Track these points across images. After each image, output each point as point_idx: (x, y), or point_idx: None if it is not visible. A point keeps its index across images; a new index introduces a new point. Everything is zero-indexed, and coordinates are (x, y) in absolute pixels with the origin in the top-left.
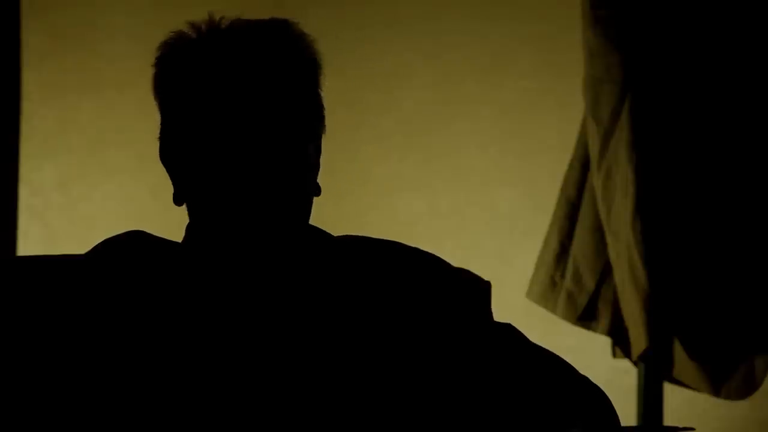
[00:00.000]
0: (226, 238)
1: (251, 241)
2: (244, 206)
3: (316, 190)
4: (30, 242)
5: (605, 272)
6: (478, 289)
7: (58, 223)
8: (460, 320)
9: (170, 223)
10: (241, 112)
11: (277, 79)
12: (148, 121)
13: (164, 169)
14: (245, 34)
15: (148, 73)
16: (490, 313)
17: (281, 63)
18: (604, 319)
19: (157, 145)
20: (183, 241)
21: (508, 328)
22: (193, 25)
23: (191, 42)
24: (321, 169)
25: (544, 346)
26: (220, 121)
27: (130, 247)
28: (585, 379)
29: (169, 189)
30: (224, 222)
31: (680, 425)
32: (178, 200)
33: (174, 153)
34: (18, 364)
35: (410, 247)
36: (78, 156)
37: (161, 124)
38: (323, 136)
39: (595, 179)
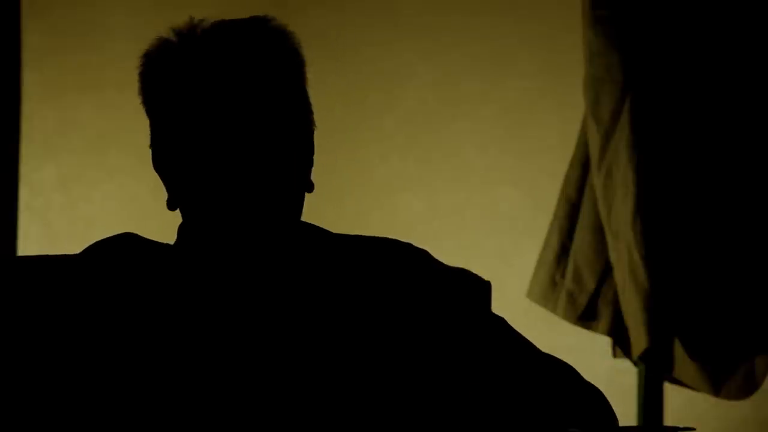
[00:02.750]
0: (218, 238)
1: (243, 240)
2: (235, 206)
3: (309, 187)
4: (30, 242)
5: (605, 272)
6: (475, 287)
7: (59, 223)
8: (455, 316)
9: (170, 223)
10: (228, 113)
11: (262, 78)
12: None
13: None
14: (227, 34)
15: None
16: (489, 311)
17: (264, 61)
18: (605, 319)
19: None
20: (175, 242)
21: (502, 323)
22: (174, 30)
23: (173, 47)
24: (322, 169)
25: (544, 345)
26: (207, 124)
27: (122, 248)
28: (581, 379)
29: None
30: (217, 222)
31: (680, 425)
32: (171, 205)
33: (166, 159)
34: (11, 363)
35: (402, 242)
36: (78, 156)
37: (151, 131)
38: (315, 132)
39: (596, 179)
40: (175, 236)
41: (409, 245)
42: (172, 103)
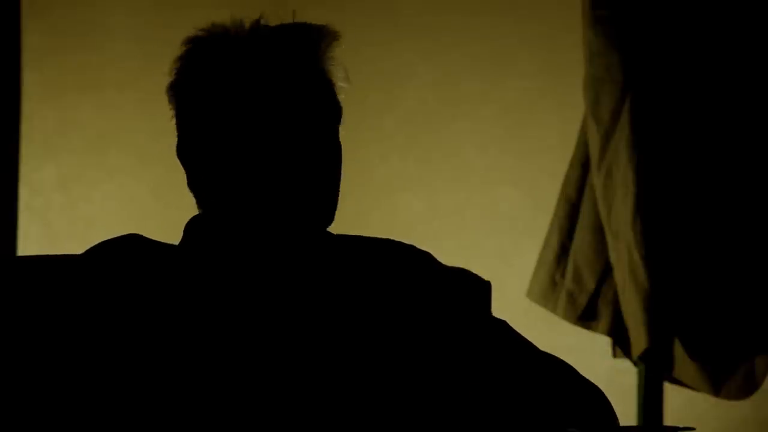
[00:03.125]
0: (235, 239)
1: (265, 245)
2: (277, 207)
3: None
4: (30, 242)
5: (605, 272)
6: (475, 287)
7: (59, 223)
8: (456, 317)
9: (170, 223)
10: (279, 115)
11: (307, 83)
12: (149, 121)
13: (164, 169)
14: (274, 36)
15: (149, 73)
16: (489, 311)
17: (309, 66)
18: (605, 319)
19: (157, 144)
20: (181, 242)
21: (503, 325)
22: (222, 26)
23: (223, 40)
24: None
25: (544, 345)
26: (254, 123)
27: (126, 249)
28: (582, 378)
29: (169, 189)
30: (244, 223)
31: (680, 425)
32: (197, 192)
33: (198, 150)
34: (14, 363)
35: (405, 244)
36: (78, 156)
37: (181, 120)
38: None
39: (596, 179)
40: (176, 236)
41: (412, 247)
42: (219, 96)
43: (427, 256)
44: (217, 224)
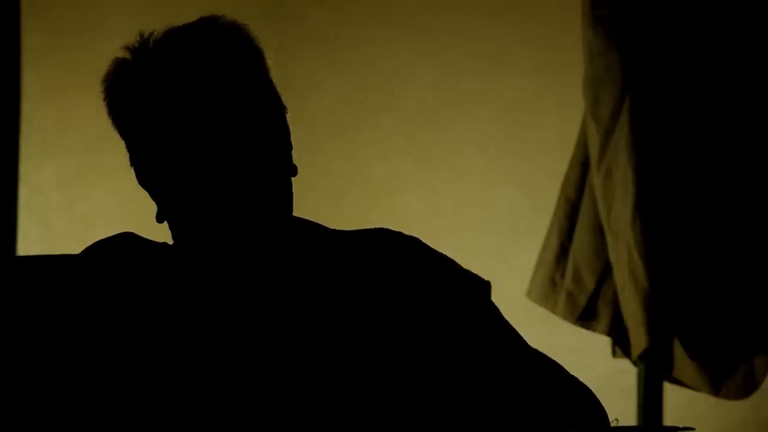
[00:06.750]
0: (216, 236)
1: (241, 235)
2: (228, 203)
3: (293, 170)
4: (29, 242)
5: (605, 272)
6: (475, 287)
7: (58, 222)
8: (455, 313)
9: None
10: (200, 116)
11: (223, 75)
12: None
13: None
14: (179, 41)
15: None
16: (490, 310)
17: (222, 58)
18: (604, 319)
19: None
20: (174, 241)
21: (495, 314)
22: (128, 48)
23: (130, 65)
24: (321, 168)
25: (543, 345)
26: (182, 131)
27: (120, 248)
28: (571, 377)
29: None
30: (213, 223)
31: (680, 425)
32: (159, 218)
33: (150, 173)
34: (12, 362)
35: (393, 231)
36: (78, 156)
37: (128, 150)
38: (287, 115)
39: (595, 179)
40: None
41: (400, 234)
42: (142, 119)
43: (415, 242)
44: (192, 229)
